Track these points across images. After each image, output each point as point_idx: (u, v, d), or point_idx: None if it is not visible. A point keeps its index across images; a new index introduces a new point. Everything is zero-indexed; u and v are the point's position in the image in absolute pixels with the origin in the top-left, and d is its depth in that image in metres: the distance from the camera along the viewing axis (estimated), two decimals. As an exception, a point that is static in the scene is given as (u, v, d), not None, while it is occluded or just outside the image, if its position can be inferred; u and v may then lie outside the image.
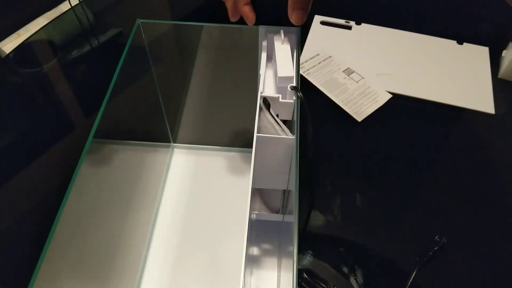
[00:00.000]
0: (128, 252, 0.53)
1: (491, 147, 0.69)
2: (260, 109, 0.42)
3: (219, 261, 0.56)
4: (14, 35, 0.83)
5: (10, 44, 0.81)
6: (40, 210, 0.60)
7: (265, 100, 0.42)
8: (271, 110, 0.42)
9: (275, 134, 0.42)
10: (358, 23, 0.86)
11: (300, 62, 0.77)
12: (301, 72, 0.76)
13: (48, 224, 0.35)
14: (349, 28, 0.85)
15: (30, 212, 0.60)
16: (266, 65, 0.45)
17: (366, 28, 0.85)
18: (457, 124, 0.72)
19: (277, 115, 0.43)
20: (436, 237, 0.57)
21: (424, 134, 0.70)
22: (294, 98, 0.42)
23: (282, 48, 0.44)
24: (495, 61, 0.79)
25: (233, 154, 0.66)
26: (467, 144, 0.69)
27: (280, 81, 0.42)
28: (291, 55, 0.44)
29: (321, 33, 0.85)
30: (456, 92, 0.75)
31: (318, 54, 0.80)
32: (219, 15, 0.49)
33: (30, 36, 0.82)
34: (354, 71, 0.77)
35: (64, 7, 0.88)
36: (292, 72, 0.42)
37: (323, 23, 0.86)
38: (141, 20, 0.49)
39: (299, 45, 0.46)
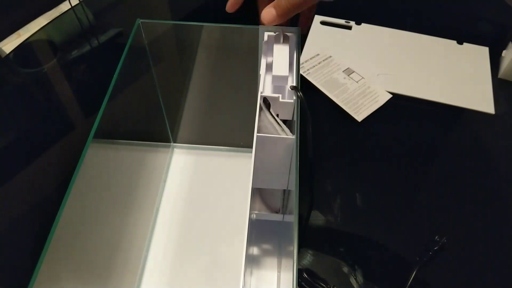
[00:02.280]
0: (128, 252, 0.53)
1: (491, 147, 0.69)
2: (260, 109, 0.42)
3: (219, 261, 0.56)
4: (14, 35, 0.83)
5: (10, 44, 0.81)
6: (40, 210, 0.60)
7: (265, 100, 0.42)
8: (271, 110, 0.42)
9: (275, 134, 0.42)
10: (358, 23, 0.86)
11: (300, 62, 0.77)
12: (301, 72, 0.76)
13: (48, 224, 0.35)
14: (349, 28, 0.85)
15: (30, 212, 0.60)
16: (266, 65, 0.45)
17: (366, 28, 0.85)
18: (457, 124, 0.72)
19: (277, 115, 0.43)
20: (436, 237, 0.57)
21: (424, 134, 0.70)
22: (294, 98, 0.42)
23: (281, 47, 0.44)
24: (495, 61, 0.79)
25: (233, 154, 0.66)
26: (467, 144, 0.69)
27: (274, 80, 0.42)
28: (288, 55, 0.44)
29: (321, 33, 0.85)
30: (456, 92, 0.75)
31: (318, 54, 0.80)
32: (220, 15, 0.49)
33: (30, 36, 0.82)
34: (354, 71, 0.77)
35: (64, 7, 0.88)
36: (286, 72, 0.42)
37: (323, 23, 0.86)
38: (141, 20, 0.49)
39: (299, 45, 0.46)
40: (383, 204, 0.62)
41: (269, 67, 0.45)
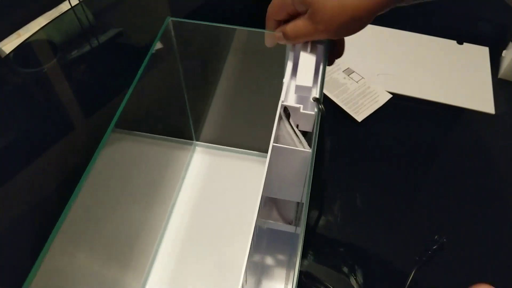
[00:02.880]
0: (141, 244, 0.54)
1: (491, 147, 0.69)
2: (280, 118, 0.41)
3: (225, 263, 0.56)
4: (14, 35, 0.83)
5: (10, 44, 0.81)
6: (40, 210, 0.60)
7: (286, 110, 0.41)
8: (291, 120, 0.41)
9: (293, 145, 0.41)
10: (358, 23, 0.86)
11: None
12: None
13: (48, 224, 0.35)
14: (349, 28, 0.85)
15: (30, 212, 0.60)
16: (292, 73, 0.44)
17: (366, 28, 0.85)
18: (457, 124, 0.72)
19: (297, 126, 0.42)
20: (436, 237, 0.57)
21: (424, 134, 0.70)
22: (316, 110, 0.40)
23: (307, 57, 0.43)
24: (495, 61, 0.79)
25: (255, 159, 0.66)
26: (467, 144, 0.69)
27: (297, 90, 0.41)
28: (314, 65, 0.42)
29: (321, 33, 0.85)
30: (456, 92, 0.75)
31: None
32: (219, 15, 0.49)
33: (30, 36, 0.82)
34: (354, 71, 0.77)
35: (64, 7, 0.88)
36: (310, 82, 0.41)
37: (323, 23, 0.86)
38: (171, 18, 0.49)
39: (326, 56, 0.44)
40: (383, 204, 0.62)
41: (294, 76, 0.43)
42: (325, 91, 0.74)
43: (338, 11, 0.38)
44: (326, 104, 0.73)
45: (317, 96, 0.41)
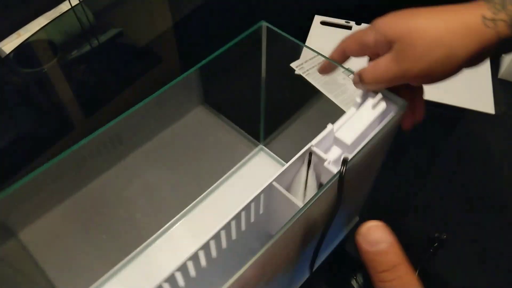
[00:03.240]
0: (164, 209, 0.57)
1: (491, 147, 0.69)
2: (301, 161, 0.37)
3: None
4: (14, 35, 0.83)
5: (10, 44, 0.81)
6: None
7: (310, 155, 0.37)
8: (311, 167, 0.37)
9: (297, 193, 0.37)
10: (358, 23, 0.86)
11: (300, 63, 0.77)
12: (300, 72, 0.75)
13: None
14: (349, 28, 0.85)
15: (30, 212, 0.60)
16: (345, 120, 0.38)
17: (366, 28, 0.85)
18: (457, 124, 0.72)
19: (320, 176, 0.38)
20: (436, 234, 0.57)
21: (424, 134, 0.70)
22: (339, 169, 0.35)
23: (368, 110, 0.38)
24: (495, 61, 0.79)
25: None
26: (467, 144, 0.69)
27: (335, 141, 0.37)
28: (369, 123, 0.37)
29: (321, 33, 0.85)
30: (456, 92, 0.75)
31: (318, 55, 0.80)
32: (220, 15, 0.49)
33: (30, 36, 0.82)
34: (354, 72, 0.77)
35: (64, 7, 0.88)
36: (350, 140, 0.36)
37: (323, 23, 0.86)
38: (265, 24, 0.47)
39: (395, 127, 0.38)
40: (383, 204, 0.62)
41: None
42: (325, 92, 0.74)
43: (435, 45, 0.33)
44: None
45: (351, 156, 0.35)
